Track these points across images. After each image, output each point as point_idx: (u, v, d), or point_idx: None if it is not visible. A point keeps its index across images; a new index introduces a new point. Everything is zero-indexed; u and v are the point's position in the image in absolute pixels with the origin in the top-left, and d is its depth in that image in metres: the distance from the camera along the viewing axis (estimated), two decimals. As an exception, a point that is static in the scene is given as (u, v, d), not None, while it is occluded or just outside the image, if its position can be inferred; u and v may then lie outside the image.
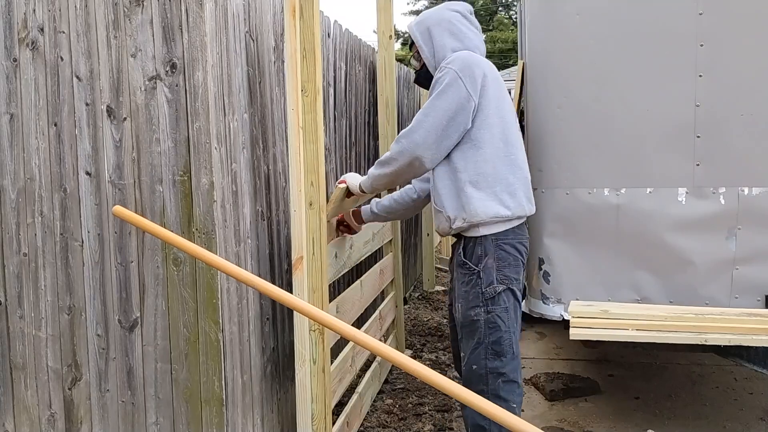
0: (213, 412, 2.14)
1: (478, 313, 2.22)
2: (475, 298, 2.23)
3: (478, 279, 2.23)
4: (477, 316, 2.22)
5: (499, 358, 2.20)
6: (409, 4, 32.63)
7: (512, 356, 2.23)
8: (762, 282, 2.87)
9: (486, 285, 2.22)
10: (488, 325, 2.21)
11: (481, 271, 2.23)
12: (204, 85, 2.05)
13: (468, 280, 2.26)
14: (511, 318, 2.23)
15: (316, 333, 2.28)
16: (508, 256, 2.25)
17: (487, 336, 2.21)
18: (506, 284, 2.23)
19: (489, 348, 2.21)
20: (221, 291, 2.13)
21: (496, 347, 2.21)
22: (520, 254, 2.29)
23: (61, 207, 2.24)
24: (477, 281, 2.23)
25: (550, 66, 3.09)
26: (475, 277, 2.24)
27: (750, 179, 2.85)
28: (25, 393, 2.34)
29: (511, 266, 2.25)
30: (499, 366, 2.21)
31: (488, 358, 2.21)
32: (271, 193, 2.48)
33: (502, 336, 2.21)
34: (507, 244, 2.25)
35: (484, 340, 2.21)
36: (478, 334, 2.23)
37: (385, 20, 3.83)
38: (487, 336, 2.21)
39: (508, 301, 2.23)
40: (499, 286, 2.21)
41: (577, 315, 2.84)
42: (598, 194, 3.01)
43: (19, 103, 2.25)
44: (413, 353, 4.24)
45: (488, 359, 2.21)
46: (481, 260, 2.24)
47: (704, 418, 3.24)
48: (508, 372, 2.22)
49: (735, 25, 2.83)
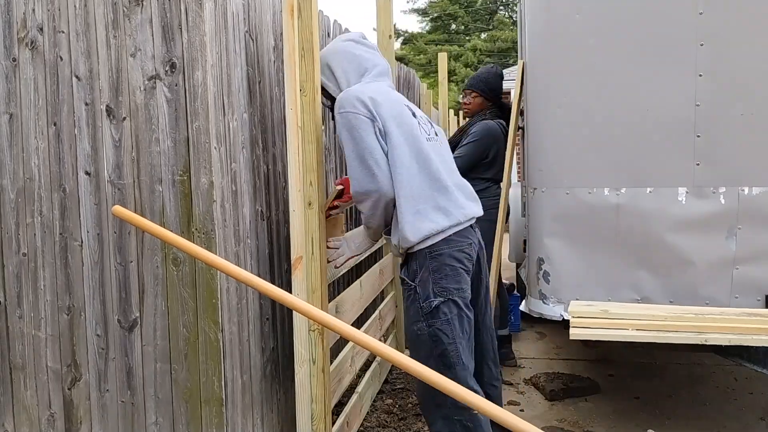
0: (213, 412, 2.14)
1: (420, 327, 2.20)
2: (415, 313, 2.22)
3: (416, 294, 2.21)
4: (420, 330, 2.20)
5: (448, 369, 2.15)
6: (409, 3, 32.68)
7: (462, 366, 2.18)
8: (762, 282, 2.87)
9: (423, 299, 2.19)
10: (432, 339, 2.18)
11: (417, 285, 2.21)
12: (203, 84, 2.05)
13: (407, 296, 2.25)
14: (455, 328, 2.18)
15: (316, 333, 2.27)
16: (444, 267, 2.19)
17: (432, 349, 2.18)
18: (445, 296, 2.18)
19: (438, 361, 2.16)
20: (221, 291, 2.12)
21: (443, 359, 2.17)
22: (459, 262, 2.22)
23: (60, 207, 2.24)
24: (415, 296, 2.21)
25: (550, 66, 3.09)
26: (413, 292, 2.22)
27: (750, 179, 2.85)
28: (24, 393, 2.33)
29: (449, 277, 2.19)
30: (450, 377, 2.04)
31: (439, 370, 2.06)
32: (270, 193, 2.48)
33: (446, 348, 2.17)
34: (441, 255, 2.20)
35: (431, 354, 2.18)
36: (424, 348, 2.20)
37: (385, 20, 3.83)
38: (433, 349, 2.18)
39: (450, 312, 2.18)
40: (436, 299, 2.18)
41: (577, 315, 2.84)
42: (598, 194, 3.01)
43: (18, 103, 2.24)
44: (413, 353, 4.24)
45: (440, 370, 2.07)
46: (417, 274, 2.21)
47: (704, 418, 3.24)
48: (460, 380, 2.13)
49: (735, 25, 2.83)
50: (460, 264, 2.23)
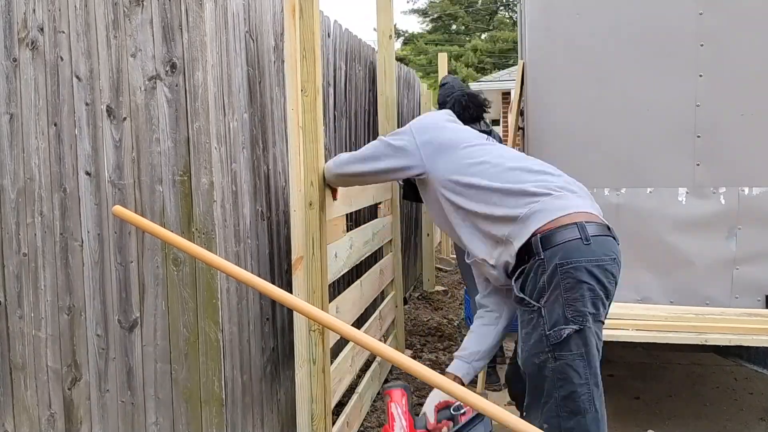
0: (213, 413, 2.14)
1: (543, 360, 1.79)
2: (537, 341, 1.80)
3: (540, 318, 1.79)
4: (542, 364, 1.80)
5: (574, 417, 1.76)
6: (410, 3, 32.67)
7: (594, 414, 1.79)
8: (762, 282, 2.87)
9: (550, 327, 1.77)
10: (558, 377, 1.78)
11: (542, 307, 1.78)
12: (204, 85, 2.05)
13: (528, 318, 1.83)
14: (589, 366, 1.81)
15: (316, 333, 2.27)
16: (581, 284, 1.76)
17: (557, 389, 1.79)
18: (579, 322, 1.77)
19: (561, 405, 1.78)
20: (221, 291, 2.12)
21: (569, 404, 1.79)
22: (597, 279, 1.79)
23: (60, 207, 2.24)
24: (539, 321, 1.79)
25: (550, 66, 3.09)
26: (536, 315, 1.80)
27: (750, 179, 2.85)
28: (24, 393, 2.33)
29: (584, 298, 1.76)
30: (576, 427, 1.78)
31: (561, 417, 1.78)
32: (271, 193, 2.48)
33: (576, 390, 1.79)
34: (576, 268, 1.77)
35: (553, 394, 1.79)
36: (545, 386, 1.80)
37: (385, 20, 3.83)
38: (557, 389, 1.79)
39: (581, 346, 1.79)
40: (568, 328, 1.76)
41: None
42: (598, 194, 3.01)
43: (18, 103, 2.24)
44: (413, 353, 4.24)
45: (561, 418, 1.78)
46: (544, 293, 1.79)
47: (704, 418, 3.23)
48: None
49: (735, 25, 2.83)
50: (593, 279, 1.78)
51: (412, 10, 29.16)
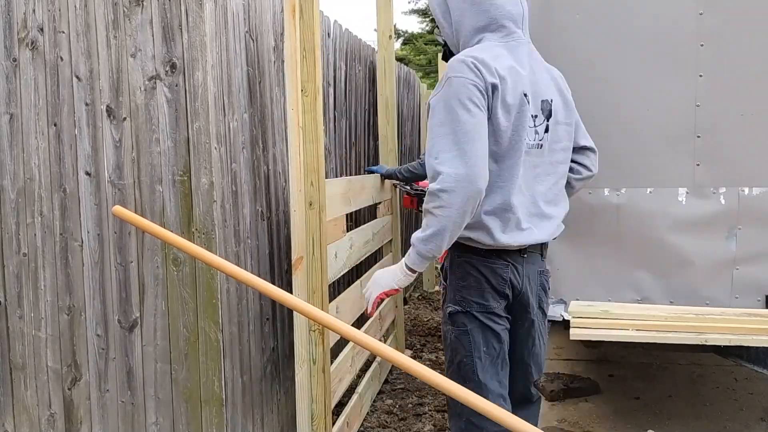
0: (213, 413, 2.14)
1: (445, 330, 2.03)
2: (443, 314, 2.06)
3: (445, 294, 2.05)
4: (445, 333, 2.03)
5: (464, 382, 1.84)
6: (410, 3, 32.66)
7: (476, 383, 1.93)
8: (762, 282, 2.86)
9: (446, 302, 2.02)
10: (451, 346, 2.00)
11: (447, 286, 2.03)
12: (204, 85, 2.05)
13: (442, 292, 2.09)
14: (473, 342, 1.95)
15: (316, 333, 2.27)
16: (469, 276, 1.96)
17: (453, 356, 2.00)
18: (463, 307, 1.96)
19: (456, 370, 1.99)
20: (221, 291, 2.12)
21: (459, 370, 1.98)
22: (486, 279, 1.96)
23: (60, 207, 2.24)
24: (445, 297, 2.05)
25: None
26: (444, 291, 2.06)
27: (750, 179, 2.85)
28: (24, 393, 2.33)
29: (472, 288, 1.96)
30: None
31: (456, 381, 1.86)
32: (271, 193, 2.48)
33: (463, 360, 1.97)
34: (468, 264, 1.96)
35: (453, 361, 2.01)
36: (448, 352, 2.04)
37: (385, 20, 3.83)
38: (453, 357, 2.00)
39: (469, 323, 1.96)
40: (456, 307, 1.97)
41: (578, 315, 2.84)
42: (598, 194, 3.00)
43: (18, 103, 2.24)
44: (413, 353, 4.24)
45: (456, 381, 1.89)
46: (447, 276, 2.03)
47: (704, 418, 3.23)
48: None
49: (735, 25, 2.82)
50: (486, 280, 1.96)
51: (412, 10, 29.12)
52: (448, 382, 1.58)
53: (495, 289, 1.97)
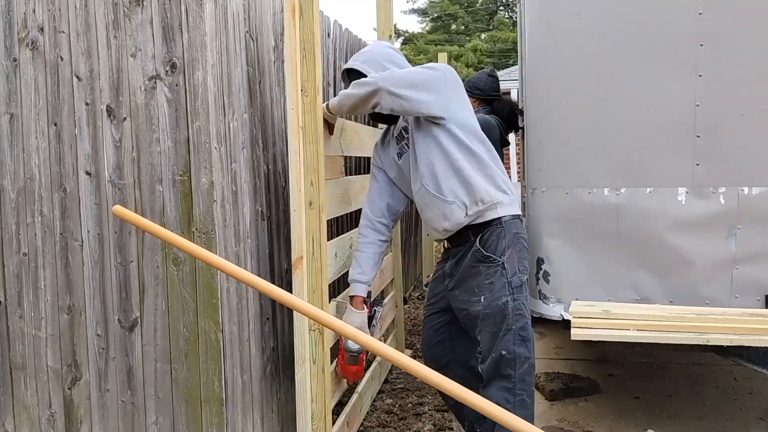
0: (213, 412, 2.14)
1: (506, 302, 2.29)
2: (501, 287, 2.30)
3: (503, 269, 2.31)
4: (505, 305, 2.29)
5: (525, 343, 2.30)
6: (409, 3, 32.64)
7: (533, 342, 2.35)
8: (762, 282, 2.86)
9: (511, 275, 2.31)
10: (516, 313, 2.29)
11: (505, 261, 2.31)
12: (204, 84, 2.05)
13: (492, 271, 2.32)
14: (529, 307, 2.37)
15: (316, 333, 2.27)
16: (525, 248, 2.38)
17: (514, 323, 2.29)
18: (526, 273, 2.36)
19: (516, 334, 2.29)
20: (221, 291, 2.13)
21: (522, 332, 2.30)
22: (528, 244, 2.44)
23: (61, 207, 2.24)
24: (503, 272, 2.31)
25: (549, 66, 3.09)
26: (500, 267, 2.31)
27: (750, 179, 2.85)
28: (24, 393, 2.34)
29: (526, 259, 2.40)
30: (525, 351, 2.31)
31: (516, 344, 2.29)
32: (271, 193, 2.48)
33: (527, 322, 2.32)
34: (521, 235, 2.38)
35: (511, 328, 2.28)
36: (505, 323, 2.29)
37: (385, 19, 3.83)
38: (514, 323, 2.29)
39: (527, 290, 2.37)
40: (524, 276, 2.34)
41: (578, 315, 2.84)
42: (598, 194, 3.01)
43: (18, 103, 2.25)
44: (413, 353, 4.24)
45: (516, 345, 2.29)
46: (505, 252, 2.32)
47: (704, 418, 3.24)
48: (533, 358, 2.33)
49: (735, 25, 2.82)
50: (528, 250, 2.43)
51: (412, 10, 29.12)
52: (449, 382, 1.58)
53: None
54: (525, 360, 2.29)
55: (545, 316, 3.14)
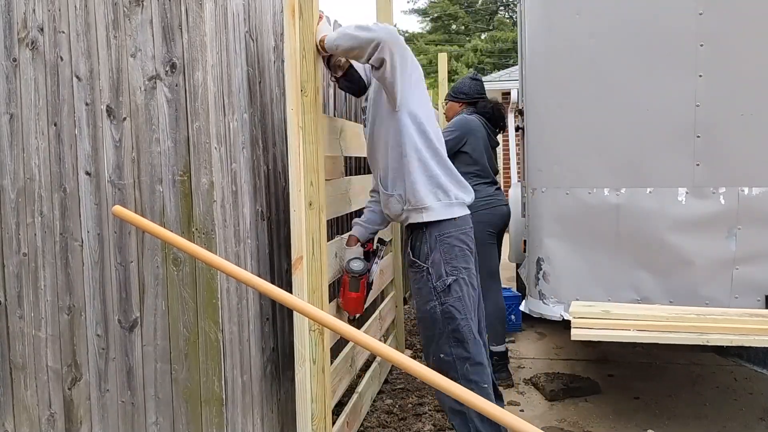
0: (213, 412, 2.14)
1: (433, 306, 2.35)
2: (428, 292, 2.36)
3: (428, 274, 2.36)
4: (433, 309, 2.36)
5: (461, 344, 2.34)
6: (410, 3, 32.66)
7: (474, 341, 2.35)
8: (762, 282, 2.87)
9: (436, 279, 2.34)
10: (444, 316, 2.34)
11: (429, 266, 2.36)
12: (204, 85, 2.05)
13: (419, 277, 2.39)
14: (466, 305, 2.35)
15: (316, 333, 2.27)
16: (454, 248, 2.37)
17: (445, 326, 2.34)
18: (456, 275, 2.34)
19: (450, 337, 2.34)
20: (221, 291, 2.13)
21: (455, 335, 2.34)
22: (465, 244, 2.40)
23: (60, 207, 2.24)
24: (428, 277, 2.36)
25: (549, 66, 3.09)
26: (425, 273, 2.37)
27: (750, 179, 2.85)
28: (24, 393, 2.34)
29: (459, 257, 2.37)
30: (463, 352, 2.35)
31: (451, 346, 2.35)
32: (271, 193, 2.48)
33: (459, 324, 2.33)
34: (450, 237, 2.37)
35: (444, 331, 2.34)
36: (437, 326, 2.36)
37: (385, 19, 3.82)
38: (446, 326, 2.34)
39: (460, 290, 2.34)
40: (449, 278, 2.34)
41: (578, 315, 2.84)
42: (598, 194, 3.01)
43: (18, 103, 2.25)
44: (413, 353, 4.24)
45: (451, 347, 2.35)
46: (428, 256, 2.37)
47: (704, 418, 3.24)
48: (473, 356, 2.35)
49: (735, 25, 2.83)
50: (466, 246, 2.39)
51: (412, 10, 29.13)
52: (448, 382, 1.58)
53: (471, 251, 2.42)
54: (464, 360, 2.34)
55: (545, 316, 3.14)
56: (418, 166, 2.34)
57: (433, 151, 2.38)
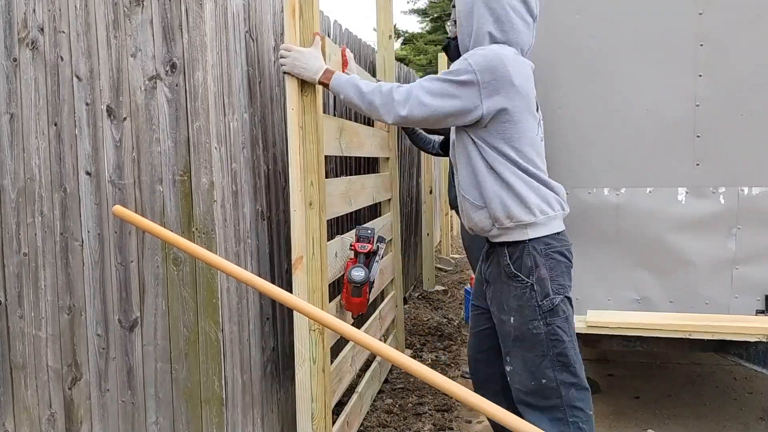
0: (213, 412, 2.14)
1: (537, 326, 2.13)
2: (531, 311, 2.13)
3: (532, 291, 2.13)
4: (536, 329, 2.13)
5: (567, 368, 2.15)
6: (410, 3, 32.64)
7: (580, 365, 2.18)
8: (762, 282, 2.87)
9: (542, 297, 2.12)
10: (550, 338, 2.13)
11: (534, 283, 2.12)
12: (204, 84, 2.06)
13: (520, 293, 2.15)
14: (571, 326, 2.18)
15: (316, 333, 2.28)
16: (560, 264, 2.16)
17: (550, 349, 2.13)
18: (563, 293, 2.15)
19: (555, 360, 2.14)
20: (221, 291, 2.13)
21: (561, 358, 2.14)
22: (567, 259, 2.20)
23: (61, 207, 2.25)
24: (531, 293, 2.13)
25: (549, 66, 3.09)
26: (528, 289, 2.13)
27: (750, 179, 2.85)
28: (25, 393, 2.34)
29: (565, 274, 2.17)
30: (569, 376, 2.16)
31: (556, 371, 2.15)
32: (271, 193, 2.48)
33: (566, 347, 2.15)
34: (555, 252, 2.16)
35: (548, 354, 2.13)
36: (539, 348, 2.14)
37: (385, 20, 3.83)
38: (550, 349, 2.13)
39: (567, 310, 2.16)
40: (557, 297, 2.13)
41: (594, 325, 2.87)
42: (598, 194, 3.01)
43: (19, 103, 2.25)
44: (413, 353, 4.24)
45: (556, 371, 2.15)
46: (533, 271, 2.13)
47: (704, 417, 3.24)
48: (579, 381, 2.18)
49: (735, 25, 2.83)
50: (568, 261, 2.20)
51: (412, 10, 29.12)
52: (448, 382, 1.58)
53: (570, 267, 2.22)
54: (570, 386, 2.15)
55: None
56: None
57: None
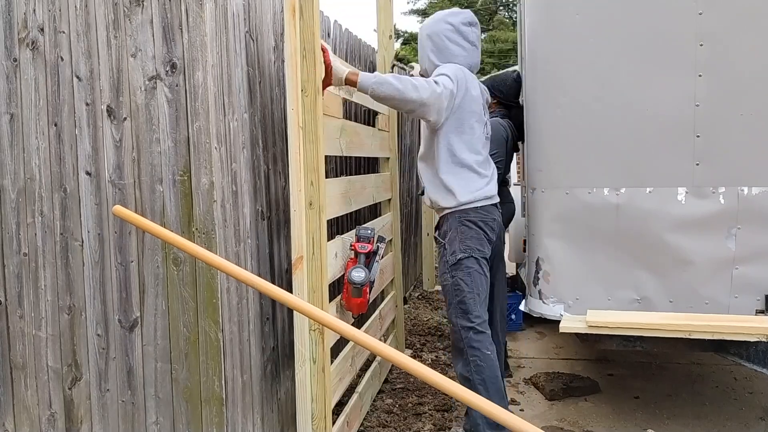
0: (213, 412, 2.14)
1: (445, 278, 2.69)
2: (443, 266, 2.72)
3: (444, 250, 2.72)
4: (445, 281, 2.69)
5: (465, 314, 2.63)
6: (410, 3, 32.64)
7: (480, 315, 2.64)
8: (762, 282, 2.86)
9: (450, 254, 2.67)
10: (454, 288, 2.65)
11: (446, 243, 2.71)
12: (204, 85, 2.06)
13: (440, 252, 2.77)
14: (474, 281, 2.64)
15: (316, 333, 2.28)
16: (470, 229, 2.70)
17: (453, 297, 2.65)
18: (468, 253, 2.66)
19: (457, 307, 2.64)
20: (221, 291, 2.13)
21: (462, 306, 2.63)
22: (481, 229, 2.72)
23: (61, 207, 2.25)
24: (443, 252, 2.73)
25: (549, 66, 3.09)
26: (443, 248, 2.74)
27: (750, 179, 2.85)
28: (25, 393, 2.34)
29: (473, 238, 2.68)
30: (466, 322, 2.64)
31: (457, 316, 2.65)
32: (271, 193, 2.48)
33: (466, 296, 2.63)
34: (470, 221, 2.70)
35: (452, 301, 2.65)
36: (449, 297, 2.68)
37: (385, 20, 3.83)
38: (454, 297, 2.65)
39: (471, 266, 2.65)
40: (460, 254, 2.65)
41: (594, 324, 2.87)
42: (598, 194, 3.01)
43: (19, 103, 2.25)
44: (413, 353, 4.24)
45: (458, 317, 2.65)
46: (446, 235, 2.72)
47: (704, 417, 3.24)
48: (475, 325, 2.63)
49: (735, 25, 2.82)
50: (479, 229, 2.70)
51: (412, 11, 29.12)
52: (448, 382, 1.59)
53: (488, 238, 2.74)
54: (468, 329, 2.63)
55: (545, 315, 3.14)
56: None
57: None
